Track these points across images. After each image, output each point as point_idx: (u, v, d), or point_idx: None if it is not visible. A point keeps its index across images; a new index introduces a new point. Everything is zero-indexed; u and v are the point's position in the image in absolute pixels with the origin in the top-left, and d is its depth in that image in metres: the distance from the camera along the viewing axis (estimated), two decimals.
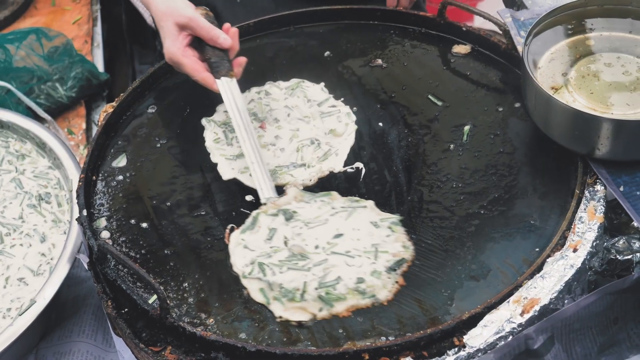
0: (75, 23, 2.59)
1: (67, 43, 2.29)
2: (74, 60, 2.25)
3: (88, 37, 2.52)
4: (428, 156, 1.60)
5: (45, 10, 2.66)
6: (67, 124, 2.22)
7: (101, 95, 2.32)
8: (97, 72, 2.29)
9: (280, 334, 1.34)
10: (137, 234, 1.52)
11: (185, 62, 1.67)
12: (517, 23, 1.71)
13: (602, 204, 1.46)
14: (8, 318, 1.52)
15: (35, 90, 2.18)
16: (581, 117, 1.44)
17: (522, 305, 1.32)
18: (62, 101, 2.21)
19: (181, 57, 1.67)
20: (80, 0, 2.68)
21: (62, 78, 2.22)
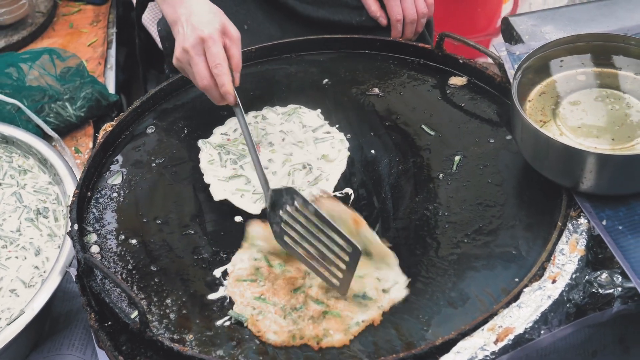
0: (91, 45, 2.65)
1: (79, 64, 2.35)
2: (85, 80, 2.31)
3: (102, 59, 2.58)
4: (417, 184, 1.62)
5: (63, 32, 2.73)
6: (75, 142, 2.26)
7: (110, 116, 2.37)
8: (107, 93, 2.34)
9: (257, 353, 1.36)
10: (126, 250, 1.55)
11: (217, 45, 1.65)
12: (512, 57, 1.74)
13: (584, 237, 1.46)
14: None
15: (45, 109, 2.23)
16: (566, 151, 1.45)
17: (497, 333, 1.32)
18: (70, 120, 2.26)
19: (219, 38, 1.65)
20: (98, 23, 2.75)
21: (72, 98, 2.27)
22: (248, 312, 1.43)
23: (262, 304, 1.44)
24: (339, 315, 1.40)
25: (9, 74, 2.25)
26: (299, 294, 1.45)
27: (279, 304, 1.43)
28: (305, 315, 1.41)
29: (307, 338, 1.38)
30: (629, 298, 1.45)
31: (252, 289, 1.47)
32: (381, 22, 2.15)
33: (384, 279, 1.45)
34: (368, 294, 1.43)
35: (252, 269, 1.50)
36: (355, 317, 1.40)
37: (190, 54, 1.65)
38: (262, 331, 1.40)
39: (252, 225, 1.56)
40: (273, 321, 1.41)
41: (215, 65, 1.64)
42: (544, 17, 1.95)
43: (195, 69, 1.67)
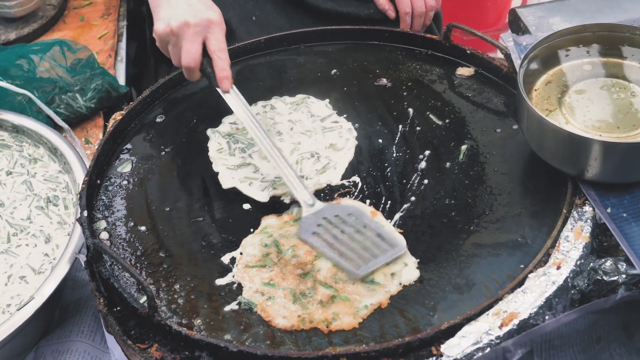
0: (101, 38, 2.67)
1: (90, 56, 2.36)
2: (95, 72, 2.32)
3: (112, 51, 2.59)
4: (424, 173, 1.63)
5: (74, 24, 2.75)
6: (85, 133, 2.28)
7: (120, 108, 2.38)
8: (117, 85, 2.35)
9: (264, 337, 1.37)
10: (135, 236, 1.57)
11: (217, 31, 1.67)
12: (519, 47, 1.74)
13: (589, 224, 1.47)
14: (7, 313, 1.57)
15: (55, 100, 2.24)
16: (572, 139, 1.46)
17: (502, 318, 1.34)
18: (81, 111, 2.28)
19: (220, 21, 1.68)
20: (108, 16, 2.77)
21: (83, 89, 2.28)
22: (258, 298, 1.44)
23: (272, 289, 1.45)
24: (347, 299, 1.42)
25: (20, 65, 2.26)
26: (308, 278, 1.46)
27: (288, 288, 1.45)
28: (314, 300, 1.43)
29: (317, 322, 1.40)
30: (633, 285, 1.46)
31: (262, 275, 1.48)
32: (389, 14, 2.16)
33: (393, 261, 1.47)
34: (376, 279, 1.44)
35: (261, 255, 1.51)
36: (364, 300, 1.41)
37: (191, 30, 1.65)
38: (272, 316, 1.41)
39: (267, 219, 1.59)
40: (282, 306, 1.42)
41: (220, 50, 1.66)
42: (551, 9, 1.96)
43: (188, 46, 1.66)
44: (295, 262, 1.49)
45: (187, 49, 1.65)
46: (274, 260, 1.50)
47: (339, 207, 1.56)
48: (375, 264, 1.45)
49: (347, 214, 1.54)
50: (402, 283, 1.44)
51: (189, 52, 1.65)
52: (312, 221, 1.53)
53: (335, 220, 1.53)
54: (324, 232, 1.52)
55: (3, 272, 1.65)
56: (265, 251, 1.52)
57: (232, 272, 1.49)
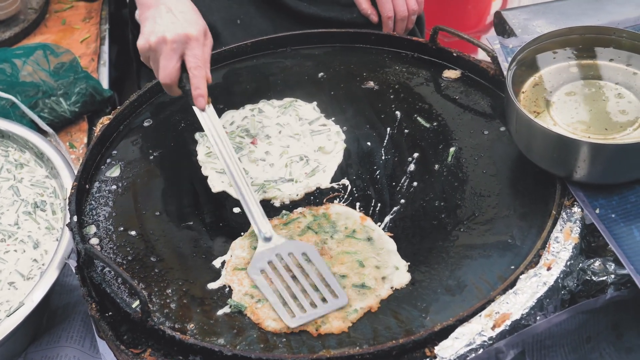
0: (84, 42, 2.65)
1: (73, 60, 2.35)
2: (78, 76, 2.31)
3: (95, 55, 2.58)
4: (413, 176, 1.64)
5: (56, 28, 2.73)
6: (69, 137, 2.27)
7: (104, 112, 2.37)
8: (101, 88, 2.35)
9: (257, 341, 1.37)
10: (125, 241, 1.56)
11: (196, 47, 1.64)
12: (505, 50, 1.76)
13: (578, 225, 1.49)
14: None
15: (39, 104, 2.23)
16: (560, 141, 1.48)
17: (494, 319, 1.35)
18: (65, 115, 2.27)
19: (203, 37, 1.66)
20: (90, 20, 2.76)
21: (67, 93, 2.27)
22: (247, 300, 1.44)
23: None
24: None
25: (3, 69, 2.25)
26: (297, 282, 1.46)
27: (277, 291, 1.45)
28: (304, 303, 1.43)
29: (306, 325, 1.40)
30: (622, 285, 1.48)
31: None
32: (372, 19, 2.17)
33: (384, 265, 1.47)
34: (367, 283, 1.45)
35: (250, 258, 1.51)
36: (354, 304, 1.42)
37: (168, 47, 1.63)
38: (262, 319, 1.41)
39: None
40: (272, 309, 1.43)
41: (196, 67, 1.63)
42: (536, 12, 1.98)
43: (165, 63, 1.64)
44: (284, 265, 1.50)
45: (164, 66, 1.64)
46: None
47: (295, 245, 1.51)
48: (311, 315, 1.40)
49: (301, 253, 1.49)
50: (393, 287, 1.44)
51: (165, 69, 1.63)
52: (265, 257, 1.49)
53: (288, 259, 1.49)
54: (271, 271, 1.48)
55: None
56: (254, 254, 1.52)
57: (222, 276, 1.49)
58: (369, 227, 1.53)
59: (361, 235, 1.52)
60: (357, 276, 1.46)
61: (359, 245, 1.51)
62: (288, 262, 1.49)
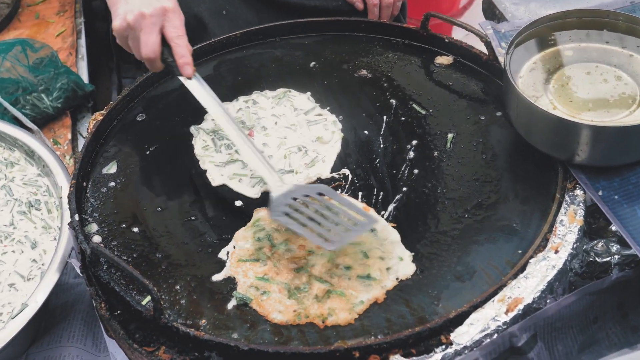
0: (59, 36, 2.61)
1: (52, 54, 2.31)
2: (59, 71, 2.27)
3: (72, 49, 2.54)
4: (413, 163, 1.65)
5: (29, 22, 2.69)
6: (53, 134, 2.23)
7: (86, 107, 2.34)
8: (82, 83, 2.31)
9: (271, 334, 1.37)
10: (129, 239, 1.55)
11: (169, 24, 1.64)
12: (498, 35, 1.77)
13: (581, 207, 1.51)
14: (0, 322, 1.54)
15: (20, 101, 2.19)
16: (562, 124, 1.49)
17: (507, 304, 1.36)
18: (47, 112, 2.23)
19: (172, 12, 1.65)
20: (64, 13, 2.71)
21: (48, 89, 2.24)
22: (252, 293, 1.44)
23: (266, 284, 1.45)
24: (342, 294, 1.42)
25: None
26: (303, 273, 1.46)
27: (283, 283, 1.45)
28: (310, 295, 1.43)
29: (313, 317, 1.40)
30: (626, 265, 1.50)
31: (255, 269, 1.48)
32: (357, 6, 2.17)
33: (388, 256, 1.47)
34: (372, 274, 1.45)
35: (254, 249, 1.51)
36: (360, 295, 1.42)
37: (147, 21, 1.62)
38: (267, 311, 1.41)
39: (259, 211, 1.58)
40: (278, 301, 1.42)
41: (178, 36, 1.64)
42: None
43: (146, 37, 1.64)
44: (289, 257, 1.49)
45: (145, 41, 1.63)
46: (267, 255, 1.50)
47: (308, 187, 1.55)
48: (347, 237, 1.44)
49: (316, 193, 1.52)
50: (398, 278, 1.44)
51: (147, 43, 1.63)
52: (282, 201, 1.51)
53: (305, 199, 1.52)
54: (294, 212, 1.50)
55: None
56: (258, 245, 1.52)
57: (226, 267, 1.49)
58: (374, 217, 1.53)
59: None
60: (362, 267, 1.46)
61: (362, 237, 1.50)
62: (307, 202, 1.50)
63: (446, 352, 1.31)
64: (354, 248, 1.49)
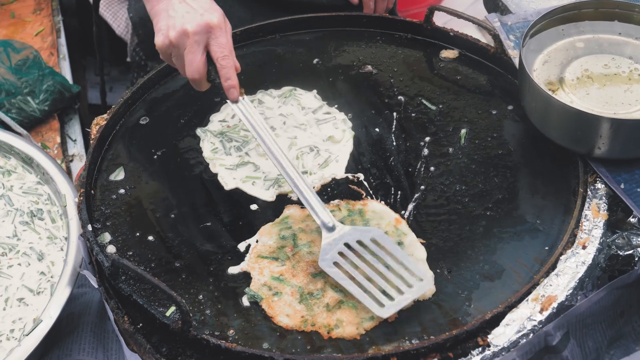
0: (38, 35, 2.53)
1: (35, 55, 2.24)
2: (44, 72, 2.20)
3: (53, 49, 2.47)
4: (428, 160, 1.62)
5: (5, 22, 2.60)
6: (41, 138, 2.16)
7: (73, 108, 2.27)
8: (68, 84, 2.24)
9: (303, 342, 1.34)
10: (145, 248, 1.50)
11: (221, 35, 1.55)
12: (505, 27, 1.75)
13: (604, 201, 1.50)
14: (12, 340, 1.48)
15: (5, 105, 2.12)
16: (583, 117, 1.47)
17: (541, 303, 1.35)
18: (35, 115, 2.16)
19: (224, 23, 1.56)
20: (41, 11, 2.63)
21: (33, 91, 2.16)
22: (265, 292, 1.41)
23: (280, 285, 1.42)
24: (354, 307, 1.38)
25: None
26: (319, 279, 1.43)
27: (297, 286, 1.41)
28: (321, 303, 1.39)
29: (319, 326, 1.36)
30: None
31: (272, 268, 1.44)
32: (352, 0, 2.13)
33: (409, 274, 1.39)
34: (389, 292, 1.38)
35: (276, 247, 1.47)
36: (371, 312, 1.36)
37: (190, 40, 1.52)
38: (276, 313, 1.38)
39: (290, 208, 1.55)
40: (288, 304, 1.39)
41: (224, 57, 1.53)
42: None
43: (190, 57, 1.53)
44: (309, 260, 1.46)
45: (190, 61, 1.53)
46: (287, 255, 1.46)
47: (360, 231, 1.45)
48: (401, 302, 1.36)
49: (369, 240, 1.44)
50: (415, 299, 1.38)
51: (191, 64, 1.53)
52: (333, 248, 1.43)
53: (357, 247, 1.43)
54: (345, 262, 1.42)
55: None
56: (281, 243, 1.48)
57: (244, 261, 1.46)
58: (402, 230, 1.49)
59: (392, 238, 1.47)
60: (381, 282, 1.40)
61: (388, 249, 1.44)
62: (359, 251, 1.42)
63: (484, 355, 1.30)
64: None
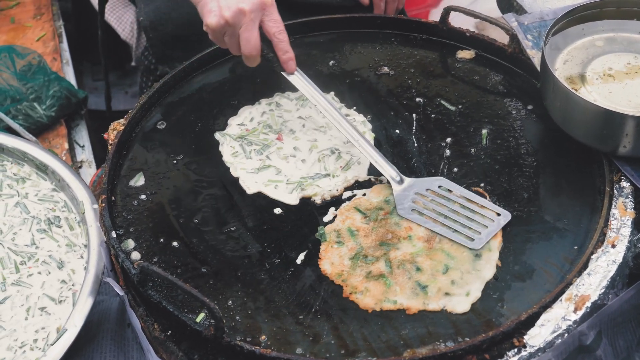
0: (40, 40, 2.50)
1: (40, 61, 2.21)
2: (49, 78, 2.17)
3: (56, 54, 2.44)
4: (451, 161, 1.61)
5: (5, 27, 2.57)
6: (48, 144, 2.14)
7: (79, 114, 2.25)
8: (74, 89, 2.22)
9: (337, 346, 1.33)
10: (170, 254, 1.48)
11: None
12: (522, 27, 1.74)
13: (630, 200, 1.50)
14: (37, 350, 1.46)
15: (11, 112, 2.09)
16: (609, 116, 1.47)
17: (574, 302, 1.34)
18: (42, 121, 2.13)
19: None
20: (42, 16, 2.60)
21: (39, 97, 2.14)
22: (332, 237, 1.48)
23: (348, 237, 1.48)
24: (388, 284, 1.40)
25: None
26: (382, 249, 1.46)
27: (360, 245, 1.46)
28: (367, 268, 1.43)
29: (348, 284, 1.41)
30: None
31: (356, 223, 1.50)
32: (363, 1, 2.12)
33: (460, 284, 1.40)
34: (428, 290, 1.39)
35: (375, 207, 1.53)
36: (398, 297, 1.39)
37: (247, 18, 1.57)
38: (325, 257, 1.45)
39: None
40: (340, 255, 1.45)
41: (280, 31, 1.62)
42: None
43: (247, 34, 1.59)
44: (391, 229, 1.49)
45: (247, 38, 1.59)
46: (378, 216, 1.51)
47: (427, 181, 1.55)
48: (489, 233, 1.45)
49: (437, 186, 1.53)
50: (446, 308, 1.38)
51: (249, 41, 1.59)
52: (407, 197, 1.52)
53: (428, 193, 1.52)
54: (422, 208, 1.50)
55: (19, 305, 1.52)
56: (382, 205, 1.53)
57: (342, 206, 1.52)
58: (489, 245, 1.45)
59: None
60: (428, 277, 1.42)
61: (461, 254, 1.45)
62: (431, 196, 1.51)
63: (521, 356, 1.29)
64: (444, 257, 1.45)
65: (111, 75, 3.02)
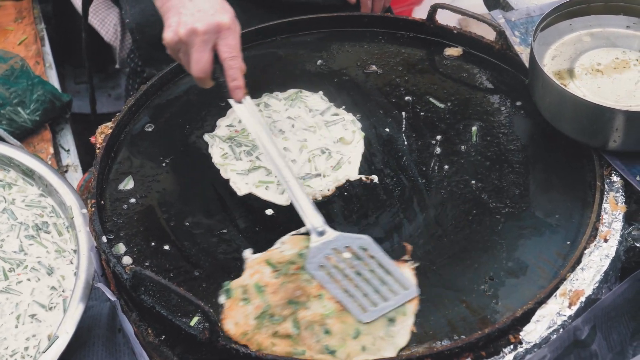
0: (22, 44, 2.48)
1: (23, 64, 2.19)
2: (33, 82, 2.15)
3: (39, 57, 2.42)
4: (442, 158, 1.61)
5: None
6: (33, 149, 2.11)
7: (64, 118, 2.22)
8: (58, 93, 2.19)
9: (336, 345, 1.32)
10: (161, 257, 1.47)
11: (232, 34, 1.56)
12: (509, 24, 1.74)
13: (621, 194, 1.50)
14: (28, 357, 1.44)
15: None
16: (599, 111, 1.47)
17: (569, 297, 1.34)
18: (26, 125, 2.11)
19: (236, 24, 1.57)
20: (23, 20, 2.58)
21: (23, 101, 2.11)
22: (237, 293, 1.39)
23: (255, 294, 1.38)
24: (294, 343, 1.32)
25: None
26: (290, 307, 1.37)
27: (266, 303, 1.37)
28: (273, 328, 1.34)
29: (252, 342, 1.32)
30: None
31: (265, 277, 1.41)
32: (350, 0, 2.12)
33: (372, 350, 1.31)
34: (337, 354, 1.31)
35: (287, 260, 1.44)
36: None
37: (199, 38, 1.52)
38: (228, 317, 1.36)
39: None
40: (245, 314, 1.36)
41: (232, 57, 1.54)
42: None
43: (197, 56, 1.54)
44: (302, 286, 1.40)
45: (196, 59, 1.54)
46: (290, 271, 1.42)
47: (349, 238, 1.44)
48: (383, 309, 1.35)
49: (358, 246, 1.43)
50: None
51: (198, 63, 1.54)
52: (321, 252, 1.42)
53: (346, 252, 1.43)
54: (331, 266, 1.41)
55: (9, 313, 1.50)
56: (294, 259, 1.44)
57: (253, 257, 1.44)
58: (406, 309, 1.37)
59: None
60: (338, 341, 1.33)
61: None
62: (347, 256, 1.42)
63: (517, 352, 1.29)
64: (355, 320, 1.35)
65: (94, 78, 3.00)
